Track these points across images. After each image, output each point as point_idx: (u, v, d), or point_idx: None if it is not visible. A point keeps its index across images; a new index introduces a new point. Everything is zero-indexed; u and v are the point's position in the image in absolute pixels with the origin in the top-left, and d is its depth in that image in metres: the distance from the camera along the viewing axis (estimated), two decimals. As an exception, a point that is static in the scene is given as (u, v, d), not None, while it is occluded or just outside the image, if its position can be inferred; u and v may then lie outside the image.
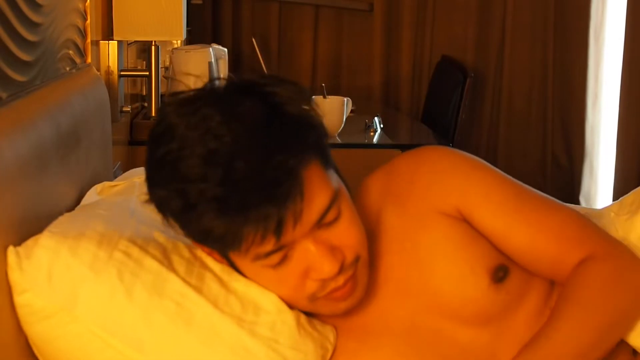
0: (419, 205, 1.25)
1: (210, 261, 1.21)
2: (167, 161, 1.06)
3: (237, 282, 1.19)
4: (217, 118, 1.05)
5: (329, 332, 1.22)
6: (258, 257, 1.10)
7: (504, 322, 1.22)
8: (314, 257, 1.10)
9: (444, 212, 1.24)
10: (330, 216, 1.11)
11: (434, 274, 1.22)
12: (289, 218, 1.06)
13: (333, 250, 1.11)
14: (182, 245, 1.22)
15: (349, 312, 1.21)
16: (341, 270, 1.12)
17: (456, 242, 1.22)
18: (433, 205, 1.24)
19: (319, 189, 1.09)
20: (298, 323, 1.18)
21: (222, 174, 1.03)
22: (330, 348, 1.21)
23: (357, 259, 1.14)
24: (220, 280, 1.18)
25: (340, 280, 1.13)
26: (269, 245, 1.08)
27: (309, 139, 1.09)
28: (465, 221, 1.24)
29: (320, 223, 1.10)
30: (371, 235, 1.22)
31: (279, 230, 1.06)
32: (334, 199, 1.11)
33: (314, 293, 1.14)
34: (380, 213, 1.26)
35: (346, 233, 1.13)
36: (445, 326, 1.22)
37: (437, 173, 1.27)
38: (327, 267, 1.10)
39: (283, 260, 1.11)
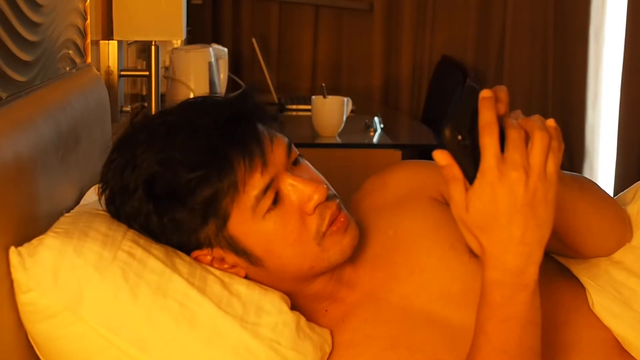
0: (397, 194, 1.33)
1: (211, 267, 1.22)
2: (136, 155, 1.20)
3: (239, 285, 1.20)
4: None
5: (327, 335, 1.23)
6: (257, 200, 1.16)
7: None
8: (300, 187, 1.19)
9: (424, 195, 1.32)
10: (294, 153, 1.22)
11: (417, 253, 1.28)
12: (265, 139, 1.17)
13: (312, 178, 1.22)
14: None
15: (342, 302, 1.26)
16: (327, 197, 1.20)
17: (435, 221, 1.30)
18: (412, 191, 1.33)
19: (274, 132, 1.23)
20: (298, 325, 1.19)
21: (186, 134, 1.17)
22: (328, 350, 1.22)
23: (334, 195, 1.22)
24: (222, 283, 1.19)
25: (333, 205, 1.20)
26: (257, 175, 1.16)
27: None
28: (445, 204, 1.31)
29: (290, 159, 1.20)
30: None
31: (260, 149, 1.16)
32: (289, 140, 1.23)
33: (317, 229, 1.19)
34: (363, 222, 1.30)
35: (312, 171, 1.24)
36: (436, 308, 1.25)
37: (411, 166, 1.41)
38: (313, 189, 1.19)
39: (277, 201, 1.18)
